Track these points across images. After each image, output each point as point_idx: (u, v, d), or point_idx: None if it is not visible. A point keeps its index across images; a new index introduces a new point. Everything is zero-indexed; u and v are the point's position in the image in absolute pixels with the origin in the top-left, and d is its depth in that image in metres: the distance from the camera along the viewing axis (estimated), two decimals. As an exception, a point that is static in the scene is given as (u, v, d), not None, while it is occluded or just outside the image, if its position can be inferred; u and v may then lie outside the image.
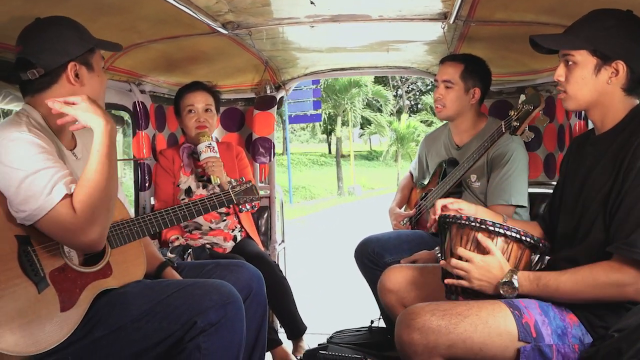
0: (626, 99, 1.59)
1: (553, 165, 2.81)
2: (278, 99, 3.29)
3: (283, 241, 3.41)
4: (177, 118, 2.85)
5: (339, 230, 11.02)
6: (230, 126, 3.38)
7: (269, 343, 2.37)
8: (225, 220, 2.80)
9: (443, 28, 2.28)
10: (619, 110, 1.59)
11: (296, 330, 2.77)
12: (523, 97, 2.09)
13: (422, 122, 24.30)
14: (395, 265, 2.20)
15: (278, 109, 3.36)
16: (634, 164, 1.47)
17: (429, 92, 28.86)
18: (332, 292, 5.81)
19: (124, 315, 1.65)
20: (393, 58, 3.04)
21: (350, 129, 24.17)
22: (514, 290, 1.59)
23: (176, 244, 2.63)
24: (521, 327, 1.54)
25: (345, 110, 22.34)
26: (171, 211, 1.93)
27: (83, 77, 1.68)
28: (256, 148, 3.24)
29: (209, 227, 2.76)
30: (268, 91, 3.25)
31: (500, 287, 1.61)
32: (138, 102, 2.75)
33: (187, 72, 2.87)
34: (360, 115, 23.53)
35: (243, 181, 2.24)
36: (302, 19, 2.24)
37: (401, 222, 2.80)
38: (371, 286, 2.64)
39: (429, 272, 2.02)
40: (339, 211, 15.47)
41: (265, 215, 3.27)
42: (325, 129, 30.05)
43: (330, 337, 2.76)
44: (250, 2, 2.00)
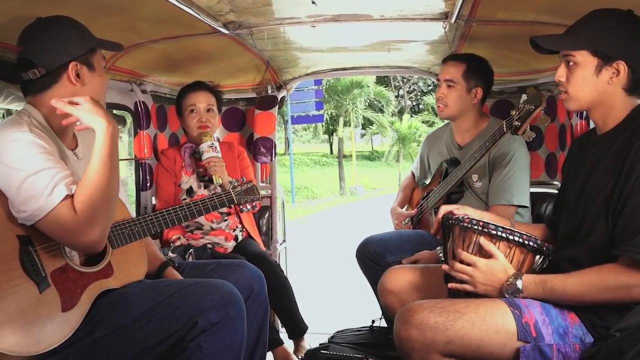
0: (627, 99, 1.58)
1: (554, 165, 2.81)
2: (279, 99, 3.29)
3: (284, 241, 3.41)
4: (179, 118, 2.85)
5: (341, 230, 11.03)
6: (231, 126, 3.38)
7: (270, 343, 2.37)
8: (226, 220, 2.80)
9: (444, 28, 2.28)
10: (621, 110, 1.59)
11: (297, 329, 2.76)
12: (524, 97, 2.09)
13: (424, 123, 24.28)
14: (396, 266, 2.20)
15: (279, 109, 3.36)
16: (636, 165, 1.47)
17: (431, 93, 28.80)
18: (334, 292, 5.81)
19: (125, 315, 1.65)
20: (394, 58, 3.04)
21: (352, 130, 24.15)
22: (519, 293, 1.59)
23: (177, 244, 2.63)
24: (521, 327, 1.54)
25: (347, 110, 22.35)
26: (172, 211, 1.93)
27: (84, 77, 1.68)
28: (257, 148, 3.24)
29: (210, 227, 2.76)
30: (269, 91, 3.25)
31: (505, 291, 1.61)
32: (139, 102, 2.75)
33: (189, 72, 2.88)
34: (362, 115, 23.56)
35: (244, 181, 2.24)
36: (304, 19, 2.24)
37: (403, 222, 2.79)
38: (372, 286, 2.64)
39: (430, 273, 2.01)
40: (341, 211, 15.48)
41: (266, 215, 3.27)
42: (327, 130, 30.06)
43: (331, 337, 2.76)
44: (251, 2, 2.00)
